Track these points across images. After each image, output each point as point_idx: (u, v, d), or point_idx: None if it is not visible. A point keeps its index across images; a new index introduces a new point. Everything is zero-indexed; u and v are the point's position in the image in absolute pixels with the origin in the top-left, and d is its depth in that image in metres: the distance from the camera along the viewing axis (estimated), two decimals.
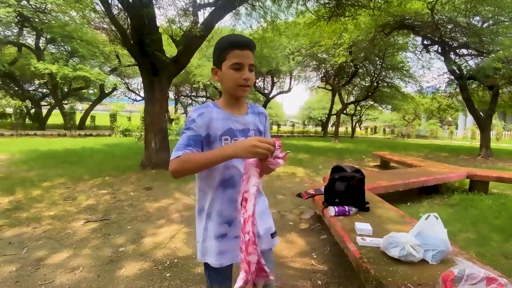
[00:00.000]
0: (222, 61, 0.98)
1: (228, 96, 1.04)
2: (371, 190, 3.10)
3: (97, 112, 20.57)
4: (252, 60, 0.98)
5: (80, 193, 3.97)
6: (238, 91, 0.99)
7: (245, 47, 0.96)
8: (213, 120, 0.98)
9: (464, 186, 4.77)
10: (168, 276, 2.04)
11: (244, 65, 0.95)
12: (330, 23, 7.34)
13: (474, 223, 3.06)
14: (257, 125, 1.08)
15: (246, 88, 0.99)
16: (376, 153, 7.61)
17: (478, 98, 11.71)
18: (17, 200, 3.56)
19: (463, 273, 1.07)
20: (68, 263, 2.17)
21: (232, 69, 0.95)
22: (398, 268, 1.41)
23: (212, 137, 0.98)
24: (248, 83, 0.97)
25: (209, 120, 0.98)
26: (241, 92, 1.00)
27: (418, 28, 9.48)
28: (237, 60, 0.94)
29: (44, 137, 12.28)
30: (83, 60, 14.11)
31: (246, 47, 0.96)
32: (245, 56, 0.95)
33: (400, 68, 14.94)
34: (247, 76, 0.96)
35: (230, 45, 0.96)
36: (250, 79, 0.97)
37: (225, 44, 0.97)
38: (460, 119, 28.97)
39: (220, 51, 0.98)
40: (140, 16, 4.82)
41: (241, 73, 0.95)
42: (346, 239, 1.77)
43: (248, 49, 0.96)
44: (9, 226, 2.81)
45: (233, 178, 1.00)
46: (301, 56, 15.34)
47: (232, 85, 0.98)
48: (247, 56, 0.96)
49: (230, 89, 1.00)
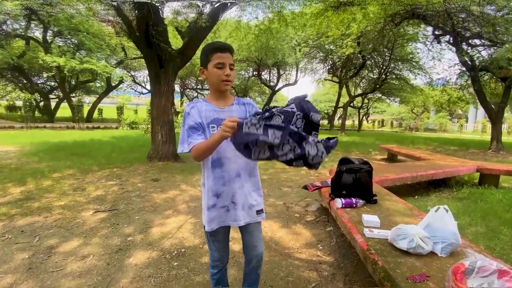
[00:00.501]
0: (207, 62, 1.21)
1: (214, 91, 1.27)
2: (379, 182, 3.07)
3: (104, 105, 20.77)
4: (231, 60, 1.21)
5: (89, 184, 4.04)
6: (222, 86, 1.22)
7: (226, 50, 1.20)
8: (202, 112, 1.23)
9: (474, 180, 4.68)
10: (175, 265, 2.07)
11: (226, 64, 1.19)
12: (338, 13, 7.16)
13: (484, 217, 3.02)
14: (242, 114, 1.27)
15: (228, 83, 1.21)
16: (384, 146, 7.51)
17: (490, 90, 11.38)
18: (29, 190, 3.65)
19: (474, 266, 1.06)
20: (79, 251, 2.23)
21: (216, 68, 1.19)
22: (406, 260, 1.40)
23: (203, 125, 1.22)
24: (230, 78, 1.20)
25: (199, 111, 1.23)
26: (224, 86, 1.22)
27: (429, 18, 9.18)
28: (220, 60, 1.18)
29: (53, 129, 12.49)
30: (89, 53, 14.18)
31: (226, 51, 1.20)
32: (226, 57, 1.19)
33: (410, 59, 14.57)
34: (228, 73, 1.19)
35: (214, 49, 1.19)
36: (231, 75, 1.21)
37: (210, 48, 1.20)
38: (471, 112, 28.33)
39: (206, 54, 1.21)
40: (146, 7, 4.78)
41: (223, 70, 1.19)
42: (353, 231, 1.76)
43: (228, 52, 1.20)
44: (21, 215, 2.88)
45: (220, 160, 1.24)
46: (308, 47, 15.08)
47: (217, 80, 1.20)
48: (227, 57, 1.20)
49: (215, 84, 1.22)
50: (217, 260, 1.42)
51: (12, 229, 2.57)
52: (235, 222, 1.29)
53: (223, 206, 1.27)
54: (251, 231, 1.37)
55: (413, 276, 1.24)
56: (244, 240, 1.41)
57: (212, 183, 1.25)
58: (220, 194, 1.26)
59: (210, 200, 1.27)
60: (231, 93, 1.36)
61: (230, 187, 1.25)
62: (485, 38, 9.38)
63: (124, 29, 5.90)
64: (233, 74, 1.23)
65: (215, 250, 1.40)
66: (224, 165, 1.24)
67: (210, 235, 1.35)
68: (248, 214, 1.31)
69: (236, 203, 1.27)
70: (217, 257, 1.41)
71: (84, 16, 11.36)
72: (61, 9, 11.20)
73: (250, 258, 1.42)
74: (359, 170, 2.31)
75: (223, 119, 1.15)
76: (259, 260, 1.42)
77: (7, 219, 2.78)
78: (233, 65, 1.23)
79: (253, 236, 1.38)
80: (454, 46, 9.79)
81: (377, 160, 7.15)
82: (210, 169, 1.25)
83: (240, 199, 1.28)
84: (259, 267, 1.46)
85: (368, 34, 11.32)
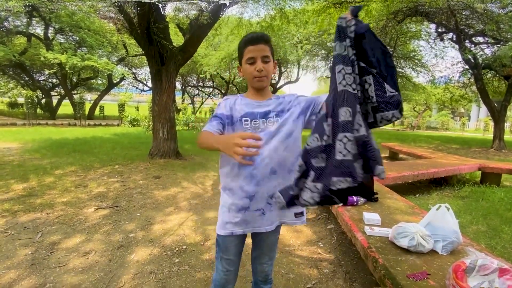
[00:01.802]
0: (241, 59, 1.10)
1: (251, 88, 1.15)
2: (380, 181, 3.07)
3: (105, 102, 20.78)
4: (266, 51, 1.06)
5: (91, 181, 4.06)
6: (254, 83, 1.10)
7: (257, 41, 1.06)
8: (236, 105, 1.11)
9: (475, 179, 4.67)
10: (177, 262, 2.08)
11: (257, 58, 1.05)
12: (340, 9, 7.11)
13: (485, 216, 3.01)
14: (279, 107, 1.12)
15: (260, 79, 1.08)
16: (385, 145, 7.49)
17: (493, 89, 11.30)
18: (31, 187, 3.67)
19: (475, 264, 1.06)
20: (81, 248, 2.24)
21: (248, 64, 1.07)
22: (407, 258, 1.40)
23: (234, 118, 1.10)
24: (262, 73, 1.06)
25: (233, 104, 1.11)
26: (257, 83, 1.09)
27: (432, 15, 9.10)
28: (250, 55, 1.05)
29: (55, 126, 12.52)
30: (91, 50, 14.15)
31: (258, 42, 1.06)
32: (257, 49, 1.05)
33: (412, 57, 14.47)
34: (259, 68, 1.05)
35: (244, 42, 1.07)
36: (264, 69, 1.06)
37: (241, 43, 1.09)
38: (473, 110, 28.15)
39: (239, 50, 1.11)
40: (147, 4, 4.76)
41: (254, 66, 1.06)
42: (354, 229, 1.76)
43: (260, 43, 1.06)
44: (24, 211, 2.90)
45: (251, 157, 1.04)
46: (310, 44, 15.00)
47: (249, 77, 1.09)
48: (260, 49, 1.05)
49: (249, 81, 1.12)
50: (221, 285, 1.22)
51: (15, 225, 2.58)
52: (270, 226, 1.14)
53: (258, 209, 1.10)
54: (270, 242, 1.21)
55: (414, 274, 1.24)
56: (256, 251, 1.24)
57: (243, 183, 1.08)
58: (253, 196, 1.09)
59: (241, 201, 1.09)
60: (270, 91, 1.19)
61: (265, 187, 1.08)
62: (488, 36, 9.29)
63: (126, 26, 5.89)
64: (269, 67, 1.08)
65: (222, 271, 1.20)
66: (255, 161, 1.06)
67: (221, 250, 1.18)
68: (286, 216, 1.15)
69: (273, 204, 1.09)
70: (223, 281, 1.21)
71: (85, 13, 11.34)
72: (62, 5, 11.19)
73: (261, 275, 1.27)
74: None
75: (259, 112, 1.08)
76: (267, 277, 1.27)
77: (10, 215, 2.80)
78: (269, 57, 1.07)
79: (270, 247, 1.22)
80: (457, 44, 9.71)
81: None
82: (237, 166, 1.08)
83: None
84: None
85: None
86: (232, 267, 1.19)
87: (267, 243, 1.21)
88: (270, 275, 1.28)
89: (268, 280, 1.28)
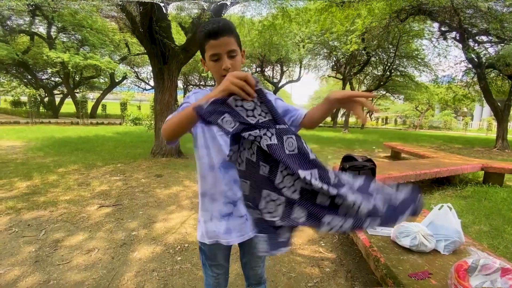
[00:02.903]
0: (203, 53, 0.93)
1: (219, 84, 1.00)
2: (382, 180, 3.06)
3: (107, 101, 20.87)
4: (232, 45, 0.89)
5: (93, 179, 4.08)
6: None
7: (219, 35, 0.87)
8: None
9: (478, 178, 4.65)
10: (179, 260, 2.09)
11: (221, 54, 0.89)
12: (342, 8, 7.09)
13: (488, 215, 3.00)
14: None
15: None
16: (387, 144, 7.47)
17: (497, 88, 11.24)
18: (35, 185, 3.70)
19: (477, 264, 1.06)
20: (84, 245, 2.26)
21: (212, 61, 0.90)
22: (408, 257, 1.40)
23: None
24: (230, 71, 0.88)
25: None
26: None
27: (435, 14, 9.05)
28: (214, 51, 0.89)
29: (57, 125, 12.59)
30: (93, 48, 14.22)
31: (220, 35, 0.87)
32: (221, 44, 0.88)
33: (415, 56, 14.41)
34: (226, 66, 0.89)
35: (204, 36, 0.89)
36: (232, 66, 0.90)
37: (201, 35, 0.90)
38: (476, 109, 27.99)
39: (200, 42, 0.92)
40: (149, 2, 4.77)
41: (220, 63, 0.89)
42: None
43: (223, 36, 0.88)
44: (27, 209, 2.93)
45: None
46: (312, 43, 14.97)
47: (216, 76, 0.93)
48: (223, 43, 0.88)
49: (216, 79, 0.96)
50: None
51: (19, 223, 2.61)
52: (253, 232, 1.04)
53: (241, 216, 1.04)
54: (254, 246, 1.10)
55: (416, 274, 1.25)
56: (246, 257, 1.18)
57: (226, 188, 1.01)
58: (236, 202, 1.02)
59: (224, 208, 1.02)
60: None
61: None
62: (492, 35, 9.23)
63: (128, 25, 5.90)
64: (236, 62, 0.91)
65: (212, 276, 1.14)
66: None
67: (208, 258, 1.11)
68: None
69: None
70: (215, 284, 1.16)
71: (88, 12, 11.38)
72: (65, 4, 11.23)
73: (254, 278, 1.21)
74: (363, 168, 2.31)
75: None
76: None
77: (14, 212, 2.82)
78: (235, 51, 0.91)
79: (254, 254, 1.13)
80: (461, 43, 9.65)
81: (380, 158, 7.12)
82: (221, 170, 1.00)
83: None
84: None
85: (373, 30, 11.19)
86: (221, 270, 1.15)
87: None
88: (263, 276, 1.23)
89: (261, 281, 1.23)
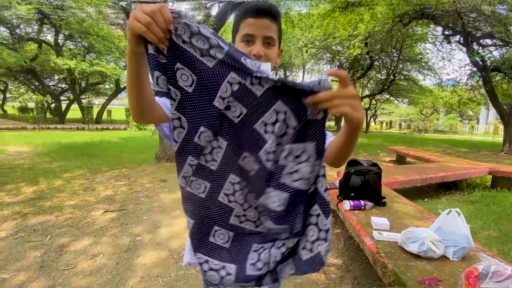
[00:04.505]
0: (235, 33, 0.79)
1: None
2: (387, 185, 3.03)
3: (113, 106, 21.10)
4: (272, 31, 0.75)
5: (98, 184, 4.11)
6: None
7: (261, 14, 0.73)
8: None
9: (486, 183, 4.58)
10: (183, 266, 2.08)
11: (256, 36, 0.74)
12: (345, 13, 7.13)
13: (497, 221, 2.94)
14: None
15: None
16: (392, 148, 7.41)
17: (502, 91, 11.12)
18: (41, 190, 3.73)
19: (488, 270, 1.03)
20: (89, 250, 2.26)
21: (243, 42, 0.75)
22: (417, 263, 1.38)
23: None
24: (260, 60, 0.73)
25: None
26: None
27: (438, 18, 9.04)
28: (247, 31, 0.74)
29: (64, 130, 12.74)
30: (99, 55, 14.44)
31: (262, 15, 0.73)
32: (259, 25, 0.73)
33: (419, 60, 14.37)
34: (256, 51, 0.73)
35: (243, 12, 0.76)
36: (264, 55, 0.74)
37: (240, 12, 0.77)
38: (482, 113, 27.68)
39: (235, 21, 0.79)
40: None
41: (250, 47, 0.74)
42: (362, 233, 1.74)
43: (265, 17, 0.74)
44: (33, 214, 2.95)
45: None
46: (315, 48, 15.03)
47: None
48: (263, 25, 0.74)
49: None
50: None
51: (25, 228, 2.63)
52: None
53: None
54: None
55: (424, 280, 1.22)
56: None
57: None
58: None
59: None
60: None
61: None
62: (496, 38, 9.18)
63: None
64: (271, 53, 0.76)
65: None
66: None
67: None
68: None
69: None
70: None
71: (94, 20, 11.63)
72: (72, 13, 11.49)
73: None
74: (368, 172, 2.29)
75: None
76: None
77: (20, 217, 2.85)
78: (274, 39, 0.76)
79: None
80: (465, 46, 9.61)
81: (385, 162, 7.06)
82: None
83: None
84: None
85: (376, 34, 11.20)
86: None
87: None
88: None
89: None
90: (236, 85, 0.60)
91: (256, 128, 0.62)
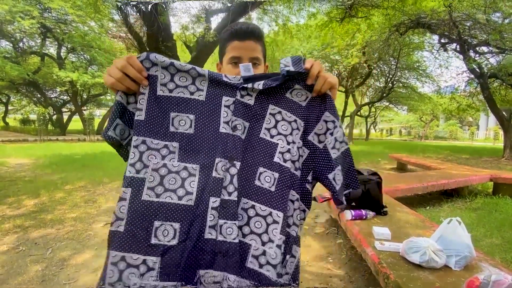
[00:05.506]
0: (223, 55, 0.83)
1: None
2: (389, 193, 3.03)
3: None
4: (256, 52, 0.79)
5: (99, 196, 4.11)
6: None
7: (246, 36, 0.78)
8: None
9: (488, 190, 4.57)
10: None
11: (242, 58, 0.78)
12: (342, 24, 7.28)
13: (499, 228, 2.93)
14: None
15: None
16: (393, 156, 7.41)
17: (501, 97, 11.19)
18: (42, 203, 3.73)
19: (488, 280, 1.04)
20: (90, 264, 2.25)
21: (230, 64, 0.79)
22: (419, 274, 1.37)
23: None
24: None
25: None
26: None
27: (434, 27, 9.21)
28: (234, 54, 0.78)
29: (65, 142, 12.80)
30: (101, 67, 14.67)
31: (247, 37, 0.78)
32: (245, 48, 0.78)
33: (416, 68, 14.55)
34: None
35: (229, 35, 0.80)
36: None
37: (225, 35, 0.82)
38: (482, 119, 27.77)
39: (221, 43, 0.83)
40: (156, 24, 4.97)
41: (238, 69, 0.75)
42: (364, 244, 1.74)
43: (250, 39, 0.78)
44: (34, 227, 2.94)
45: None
46: (313, 58, 15.24)
47: None
48: (248, 48, 0.78)
49: None
50: None
51: (26, 241, 2.62)
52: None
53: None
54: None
55: None
56: None
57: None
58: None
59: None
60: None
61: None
62: (492, 45, 9.31)
63: (135, 45, 6.12)
64: (258, 72, 0.79)
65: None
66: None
67: None
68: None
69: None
70: None
71: (97, 33, 11.87)
72: (75, 26, 11.74)
73: None
74: (368, 181, 2.30)
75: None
76: None
77: (21, 231, 2.84)
78: (259, 59, 0.80)
79: None
80: (461, 54, 9.74)
81: (386, 170, 7.05)
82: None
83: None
84: None
85: (373, 43, 11.39)
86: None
87: None
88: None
89: None
90: (232, 105, 0.63)
91: (262, 137, 0.65)
